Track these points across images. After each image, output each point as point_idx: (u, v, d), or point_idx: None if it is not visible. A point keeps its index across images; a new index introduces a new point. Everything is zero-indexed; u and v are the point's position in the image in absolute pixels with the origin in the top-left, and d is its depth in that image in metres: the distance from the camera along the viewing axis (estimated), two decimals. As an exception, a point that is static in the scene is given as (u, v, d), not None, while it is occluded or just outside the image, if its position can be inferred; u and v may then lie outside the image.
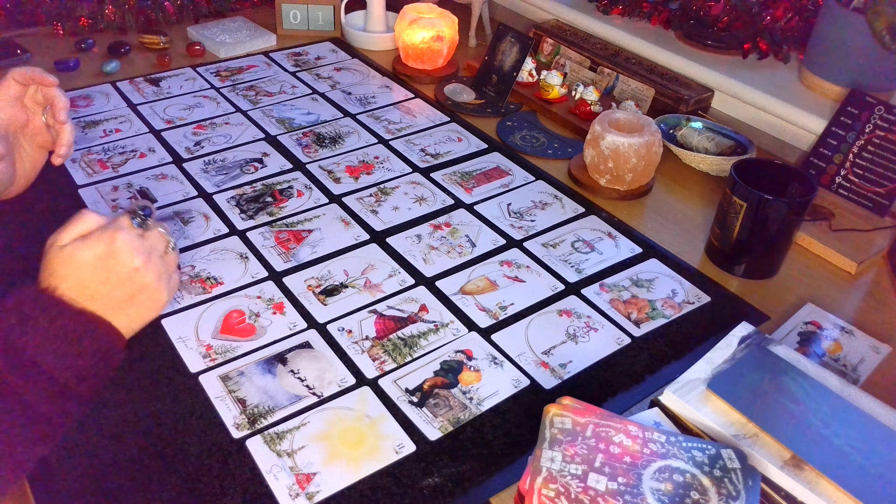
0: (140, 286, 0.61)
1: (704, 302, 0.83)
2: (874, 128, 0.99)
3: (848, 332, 0.79)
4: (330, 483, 0.61)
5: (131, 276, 0.60)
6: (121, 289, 0.60)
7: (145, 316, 0.63)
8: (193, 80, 1.25)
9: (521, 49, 1.19)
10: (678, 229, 0.95)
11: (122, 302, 0.60)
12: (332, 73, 1.30)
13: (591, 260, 0.88)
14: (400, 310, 0.80)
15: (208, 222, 0.91)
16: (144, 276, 0.61)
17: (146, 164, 1.02)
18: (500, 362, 0.74)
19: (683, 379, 0.64)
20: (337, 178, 1.01)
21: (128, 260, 0.60)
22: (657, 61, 1.24)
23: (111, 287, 0.60)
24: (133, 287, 0.61)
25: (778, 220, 0.82)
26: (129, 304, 0.61)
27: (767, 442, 0.59)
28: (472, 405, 0.69)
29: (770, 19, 1.21)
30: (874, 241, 0.92)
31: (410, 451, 0.64)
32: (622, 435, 0.57)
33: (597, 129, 0.98)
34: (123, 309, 0.60)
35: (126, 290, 0.60)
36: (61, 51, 1.31)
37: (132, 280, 0.60)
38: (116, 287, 0.60)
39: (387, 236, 0.90)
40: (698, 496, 0.53)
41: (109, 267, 0.60)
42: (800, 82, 1.16)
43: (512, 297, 0.82)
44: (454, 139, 1.12)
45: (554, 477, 0.54)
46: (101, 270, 0.59)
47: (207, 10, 1.46)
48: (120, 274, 0.60)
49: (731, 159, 1.01)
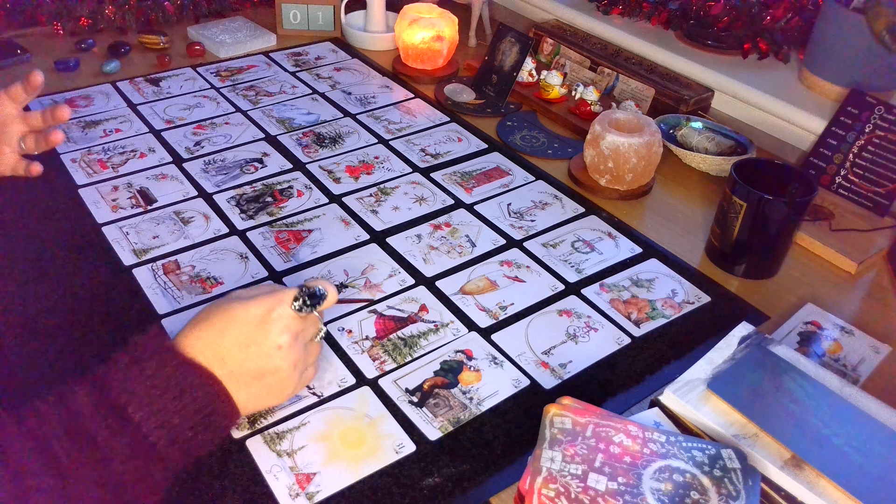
0: (274, 367, 0.58)
1: (704, 302, 0.83)
2: (874, 128, 0.99)
3: (848, 332, 0.79)
4: (330, 483, 0.61)
5: (271, 353, 0.58)
6: (255, 361, 0.57)
7: (265, 400, 0.60)
8: (193, 80, 1.25)
9: (521, 49, 1.19)
10: (678, 229, 0.95)
11: (250, 376, 0.57)
12: (332, 73, 1.30)
13: (591, 260, 0.88)
14: (400, 310, 0.79)
15: (208, 222, 0.91)
16: (284, 358, 0.58)
17: (146, 164, 1.02)
18: (500, 362, 0.74)
19: (683, 379, 0.64)
20: (337, 178, 1.01)
21: (276, 335, 0.57)
22: (657, 61, 1.24)
23: (247, 356, 0.57)
24: (267, 365, 0.58)
25: (778, 220, 0.82)
26: (255, 380, 0.57)
27: (767, 442, 0.59)
28: (472, 405, 0.69)
29: (770, 19, 1.21)
30: (874, 241, 0.92)
31: (410, 451, 0.64)
32: (622, 435, 0.57)
33: (597, 129, 0.98)
34: (247, 384, 0.57)
35: (259, 364, 0.57)
36: (61, 51, 1.31)
37: (270, 357, 0.58)
38: (252, 358, 0.57)
39: (387, 236, 0.90)
40: (698, 496, 0.53)
41: (255, 334, 0.57)
42: (800, 82, 1.16)
43: (512, 297, 0.82)
44: (454, 139, 1.12)
45: (554, 477, 0.54)
46: (245, 334, 0.57)
47: (207, 10, 1.46)
48: (262, 346, 0.57)
49: (731, 159, 1.01)
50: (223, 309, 0.58)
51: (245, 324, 0.57)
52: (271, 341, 0.58)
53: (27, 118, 0.82)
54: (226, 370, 0.56)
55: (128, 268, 0.83)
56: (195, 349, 0.56)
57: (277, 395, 0.61)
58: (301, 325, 0.60)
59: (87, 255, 0.85)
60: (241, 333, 0.57)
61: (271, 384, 0.59)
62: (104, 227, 0.89)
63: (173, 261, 0.84)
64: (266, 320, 0.58)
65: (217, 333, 0.57)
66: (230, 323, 0.57)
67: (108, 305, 0.78)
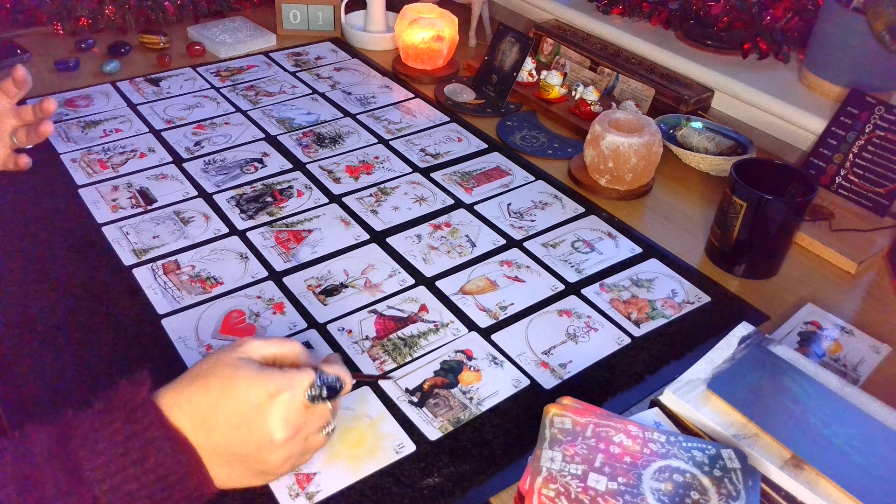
0: (262, 459, 0.52)
1: (704, 302, 0.83)
2: (874, 128, 0.99)
3: (848, 332, 0.79)
4: (330, 483, 0.61)
5: (261, 444, 0.51)
6: (243, 446, 0.51)
7: (245, 481, 0.53)
8: (193, 80, 1.25)
9: (521, 49, 1.19)
10: (678, 229, 0.95)
11: (234, 458, 0.51)
12: (332, 73, 1.30)
13: (591, 260, 0.88)
14: (400, 310, 0.79)
15: (208, 222, 0.91)
16: (276, 452, 0.52)
17: (146, 164, 1.02)
18: (500, 362, 0.74)
19: (683, 379, 0.64)
20: (337, 178, 1.01)
21: (274, 425, 0.51)
22: (657, 61, 1.24)
23: (235, 437, 0.50)
24: (256, 453, 0.51)
25: (778, 220, 0.82)
26: (238, 462, 0.51)
27: (767, 442, 0.59)
28: (472, 405, 0.69)
29: (770, 19, 1.21)
30: (874, 241, 0.92)
31: (410, 451, 0.64)
32: (622, 435, 0.57)
33: (597, 129, 0.98)
34: (228, 464, 0.51)
35: (247, 451, 0.51)
36: (61, 51, 1.31)
37: (260, 448, 0.51)
38: (240, 441, 0.50)
39: (387, 236, 0.90)
40: (698, 496, 0.53)
41: (251, 417, 0.50)
42: (800, 82, 1.16)
43: (512, 297, 0.82)
44: (454, 139, 1.12)
45: (554, 477, 0.54)
46: (241, 414, 0.50)
47: (207, 10, 1.46)
48: (254, 432, 0.51)
49: (731, 159, 1.01)
50: (227, 375, 0.51)
51: (244, 402, 0.51)
52: (266, 432, 0.51)
53: (19, 112, 0.82)
54: (209, 443, 0.50)
55: (128, 268, 0.83)
56: (181, 410, 0.50)
57: (260, 479, 0.55)
58: (305, 417, 0.53)
59: (87, 255, 0.85)
60: (237, 411, 0.50)
61: (255, 469, 0.53)
62: (104, 227, 0.89)
63: (173, 261, 0.84)
64: (266, 406, 0.51)
65: (212, 402, 0.50)
66: (228, 395, 0.51)
67: (108, 305, 0.78)
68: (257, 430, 0.51)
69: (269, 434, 0.51)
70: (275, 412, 0.51)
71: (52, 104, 0.80)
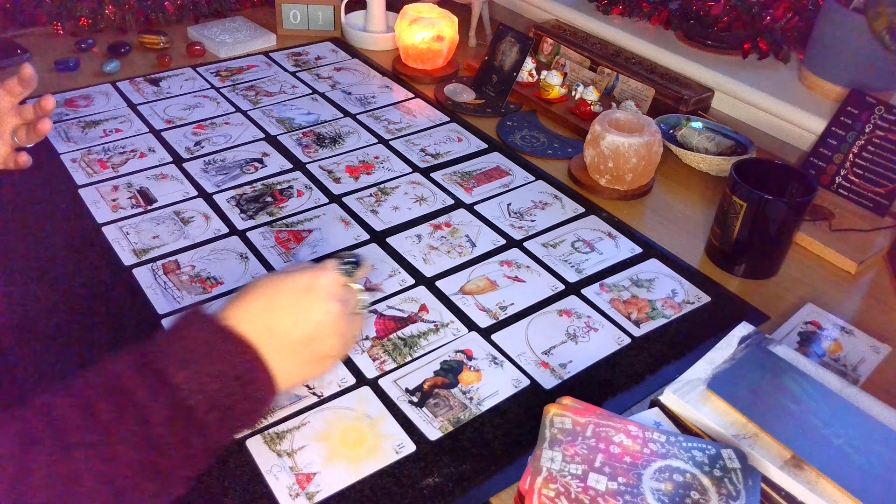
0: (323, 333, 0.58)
1: (704, 302, 0.83)
2: (874, 128, 0.99)
3: (848, 332, 0.79)
4: (330, 483, 0.61)
5: (319, 320, 0.57)
6: (303, 327, 0.57)
7: (307, 370, 0.59)
8: (193, 80, 1.25)
9: (521, 49, 1.19)
10: (678, 229, 0.95)
11: (297, 343, 0.57)
12: (332, 73, 1.30)
13: (591, 260, 0.88)
14: (400, 310, 0.79)
15: (208, 222, 0.91)
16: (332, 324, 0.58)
17: (146, 164, 1.02)
18: (500, 362, 0.74)
19: (683, 379, 0.64)
20: (337, 178, 1.01)
21: (324, 301, 0.58)
22: (657, 61, 1.24)
23: (294, 323, 0.56)
24: (315, 331, 0.57)
25: (778, 220, 0.82)
26: (301, 347, 0.57)
27: (767, 442, 0.59)
28: (472, 405, 0.69)
29: (770, 19, 1.21)
30: (874, 241, 0.92)
31: (410, 451, 0.64)
32: (622, 435, 0.57)
33: (597, 129, 0.98)
34: (292, 353, 0.57)
35: (307, 330, 0.57)
36: (61, 51, 1.31)
37: (318, 323, 0.57)
38: (299, 325, 0.57)
39: (387, 236, 0.90)
40: (698, 496, 0.53)
41: (303, 301, 0.57)
42: (800, 82, 1.16)
43: (512, 297, 0.82)
44: (454, 139, 1.12)
45: (554, 477, 0.54)
46: (294, 302, 0.57)
47: (207, 10, 1.46)
48: (310, 313, 0.57)
49: (731, 159, 1.01)
50: (269, 282, 0.58)
51: (293, 292, 0.58)
52: (320, 307, 0.58)
53: (21, 111, 0.82)
54: (273, 340, 0.55)
55: (128, 268, 0.83)
56: (239, 319, 0.55)
57: (321, 363, 0.60)
58: (344, 294, 0.60)
59: (87, 254, 0.85)
60: (290, 302, 0.57)
61: (315, 352, 0.58)
62: (104, 227, 0.89)
63: (173, 261, 0.84)
64: (313, 287, 0.58)
65: (264, 304, 0.57)
66: (277, 292, 0.58)
67: (108, 305, 0.78)
68: (312, 309, 0.57)
69: (323, 308, 0.58)
70: (321, 291, 0.58)
71: (50, 102, 0.80)
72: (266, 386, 0.55)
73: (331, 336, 0.59)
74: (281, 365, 0.56)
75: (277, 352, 0.56)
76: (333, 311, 0.58)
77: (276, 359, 0.56)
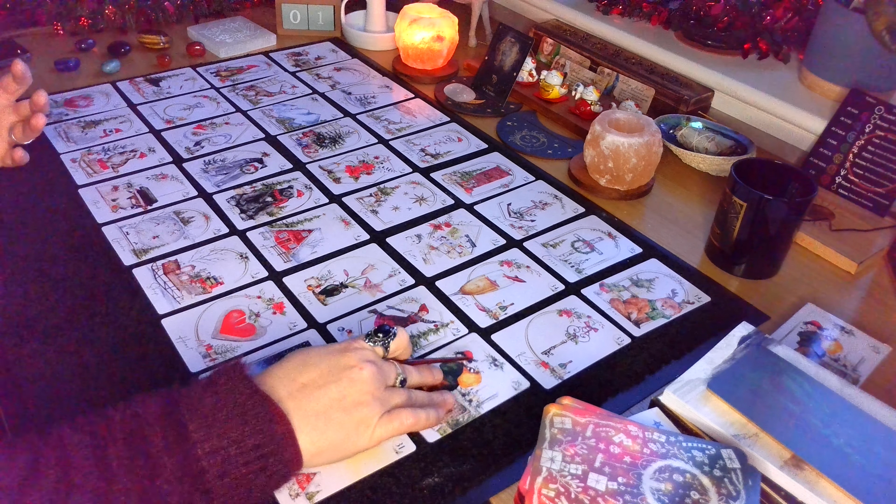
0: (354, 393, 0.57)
1: (704, 302, 0.83)
2: (874, 128, 0.99)
3: (848, 332, 0.79)
4: (330, 483, 0.61)
5: (352, 377, 0.57)
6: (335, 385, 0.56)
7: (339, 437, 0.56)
8: (193, 80, 1.25)
9: (521, 49, 1.19)
10: (678, 229, 0.95)
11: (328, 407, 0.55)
12: (332, 73, 1.30)
13: (591, 260, 0.88)
14: (400, 310, 0.79)
15: (208, 222, 0.91)
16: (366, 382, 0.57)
17: (146, 164, 1.02)
18: (500, 364, 0.74)
19: (683, 379, 0.64)
20: (337, 178, 1.01)
21: (358, 358, 0.58)
22: (657, 61, 1.24)
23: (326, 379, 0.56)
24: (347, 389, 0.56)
25: (778, 220, 0.82)
26: (333, 413, 0.56)
27: (767, 442, 0.59)
28: (471, 407, 0.69)
29: (770, 19, 1.21)
30: (874, 241, 0.92)
31: (410, 451, 0.64)
32: (622, 435, 0.57)
33: (597, 129, 0.98)
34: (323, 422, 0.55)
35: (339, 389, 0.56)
36: (61, 51, 1.31)
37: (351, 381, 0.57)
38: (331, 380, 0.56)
39: (387, 236, 0.90)
40: (698, 496, 0.53)
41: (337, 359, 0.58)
42: (800, 82, 1.16)
43: (512, 297, 0.82)
44: (454, 139, 1.12)
45: (554, 477, 0.54)
46: (327, 359, 0.57)
47: (207, 10, 1.46)
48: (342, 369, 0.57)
49: (731, 159, 1.01)
50: (304, 351, 0.59)
51: (329, 351, 0.58)
52: (353, 364, 0.58)
53: (18, 108, 0.83)
54: (306, 403, 0.55)
55: (128, 268, 0.83)
56: (271, 382, 0.55)
57: (356, 430, 0.57)
58: (378, 358, 0.60)
59: (87, 255, 0.85)
60: (324, 360, 0.58)
61: (350, 416, 0.57)
62: (104, 227, 0.89)
63: (173, 261, 0.84)
64: (348, 348, 0.59)
65: (299, 363, 0.57)
66: (313, 353, 0.58)
67: (108, 305, 0.78)
68: (345, 366, 0.57)
69: (354, 364, 0.58)
70: (356, 351, 0.59)
71: (41, 97, 0.80)
72: (292, 461, 0.54)
73: (365, 396, 0.58)
74: (313, 436, 0.55)
75: (311, 418, 0.55)
76: (367, 370, 0.58)
77: (309, 429, 0.55)
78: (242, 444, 0.50)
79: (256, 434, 0.51)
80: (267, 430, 0.52)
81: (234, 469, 0.50)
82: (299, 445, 0.54)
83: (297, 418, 0.54)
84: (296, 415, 0.54)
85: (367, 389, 0.58)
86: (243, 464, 0.50)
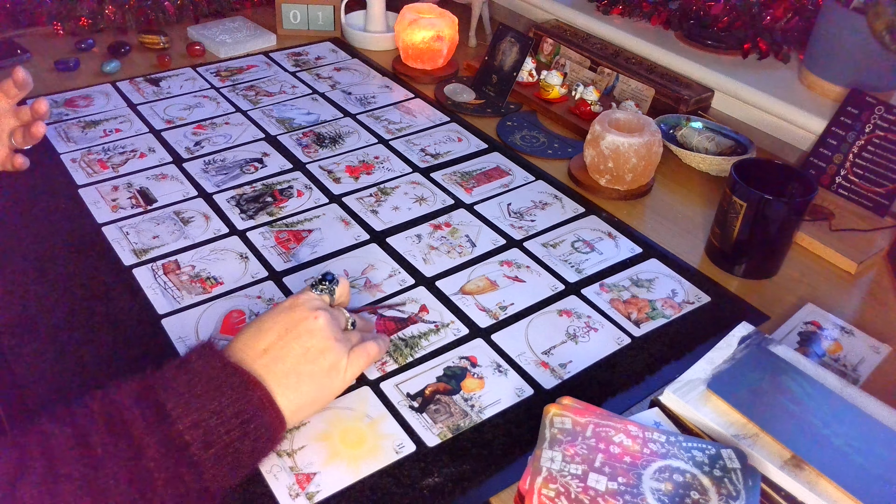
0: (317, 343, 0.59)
1: (704, 302, 0.83)
2: (874, 128, 0.99)
3: (848, 332, 0.79)
4: (330, 483, 0.61)
5: (310, 327, 0.59)
6: (297, 341, 0.58)
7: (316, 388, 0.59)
8: (193, 80, 1.25)
9: (521, 49, 1.19)
10: (678, 229, 0.95)
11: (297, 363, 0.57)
12: (332, 73, 1.30)
13: (591, 260, 0.88)
14: (400, 310, 0.79)
15: (208, 222, 0.91)
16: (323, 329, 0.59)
17: (146, 164, 1.02)
18: (504, 370, 0.73)
19: (683, 379, 0.64)
20: (337, 178, 1.01)
21: (308, 310, 0.60)
22: (657, 61, 1.24)
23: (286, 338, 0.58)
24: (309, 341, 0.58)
25: (778, 220, 0.82)
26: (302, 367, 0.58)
27: (767, 442, 0.59)
28: (472, 412, 0.69)
29: (770, 19, 1.21)
30: (874, 241, 0.92)
31: (410, 452, 0.64)
32: (622, 435, 0.57)
33: (597, 129, 0.98)
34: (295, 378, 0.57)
35: (301, 343, 0.58)
36: (61, 51, 1.31)
37: (310, 332, 0.59)
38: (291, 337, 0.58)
39: (387, 236, 0.90)
40: (698, 496, 0.53)
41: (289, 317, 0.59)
42: (800, 82, 1.16)
43: (512, 297, 0.82)
44: (454, 139, 1.12)
45: (554, 477, 0.54)
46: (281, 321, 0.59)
47: (207, 10, 1.46)
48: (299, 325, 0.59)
49: (731, 159, 1.01)
50: (257, 318, 0.61)
51: (278, 312, 0.60)
52: (306, 315, 0.59)
53: (18, 113, 0.83)
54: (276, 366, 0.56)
55: (128, 268, 0.83)
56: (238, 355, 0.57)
57: (328, 376, 0.60)
58: (327, 305, 0.62)
59: (87, 255, 0.85)
60: (277, 321, 0.59)
61: (319, 366, 0.59)
62: (104, 227, 0.89)
63: (173, 261, 0.84)
64: (295, 304, 0.60)
65: (254, 331, 0.58)
66: (264, 322, 0.60)
67: (108, 305, 0.78)
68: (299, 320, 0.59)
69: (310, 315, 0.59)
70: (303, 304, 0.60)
71: (43, 105, 0.80)
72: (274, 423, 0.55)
73: (327, 342, 0.59)
74: (289, 395, 0.56)
75: (283, 379, 0.56)
76: (321, 317, 0.60)
77: (283, 388, 0.56)
78: (222, 414, 0.51)
79: (235, 402, 0.52)
80: (244, 396, 0.53)
81: (217, 439, 0.51)
82: (279, 406, 0.55)
83: (271, 381, 0.56)
84: (268, 378, 0.56)
85: (326, 335, 0.60)
86: (226, 432, 0.51)
